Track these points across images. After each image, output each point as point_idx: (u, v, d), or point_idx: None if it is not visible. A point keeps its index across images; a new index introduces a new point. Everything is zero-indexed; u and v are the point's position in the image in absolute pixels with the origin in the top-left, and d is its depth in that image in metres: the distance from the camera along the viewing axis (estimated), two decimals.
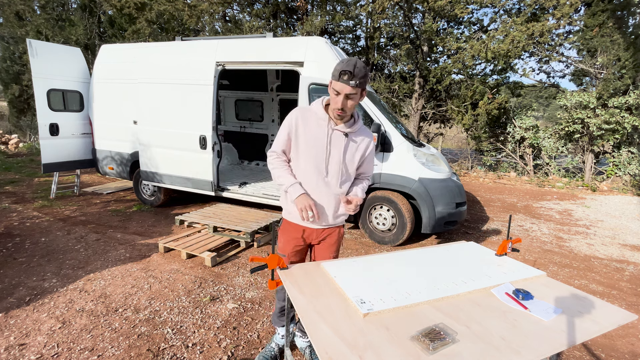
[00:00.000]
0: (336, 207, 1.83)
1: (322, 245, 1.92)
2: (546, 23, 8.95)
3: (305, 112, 1.75)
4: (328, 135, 1.71)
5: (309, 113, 1.74)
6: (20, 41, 13.20)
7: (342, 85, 1.54)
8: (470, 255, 1.84)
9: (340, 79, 1.53)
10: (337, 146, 1.73)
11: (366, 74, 1.55)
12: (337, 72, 1.54)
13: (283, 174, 1.77)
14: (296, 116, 1.74)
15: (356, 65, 1.52)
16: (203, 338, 2.41)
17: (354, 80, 1.52)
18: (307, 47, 4.17)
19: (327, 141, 1.71)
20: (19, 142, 11.76)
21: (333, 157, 1.74)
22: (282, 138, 1.78)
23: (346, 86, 1.54)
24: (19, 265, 3.40)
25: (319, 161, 1.74)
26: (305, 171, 1.77)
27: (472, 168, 11.01)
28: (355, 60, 1.54)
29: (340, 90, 1.56)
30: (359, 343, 1.09)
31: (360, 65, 1.53)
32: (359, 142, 1.78)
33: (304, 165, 1.76)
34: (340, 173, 1.77)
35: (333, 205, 1.82)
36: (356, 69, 1.51)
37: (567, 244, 4.71)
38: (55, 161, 5.47)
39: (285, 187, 1.76)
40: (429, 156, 4.18)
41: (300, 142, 1.74)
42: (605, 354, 2.45)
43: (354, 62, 1.53)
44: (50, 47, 5.39)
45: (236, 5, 12.28)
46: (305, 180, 1.77)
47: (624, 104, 8.50)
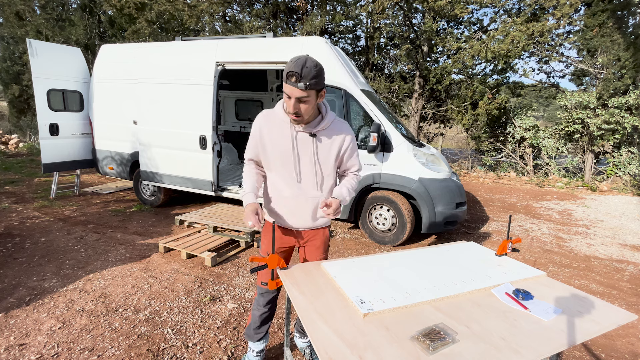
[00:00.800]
0: (315, 210, 1.76)
1: (308, 247, 1.88)
2: (546, 23, 8.96)
3: (268, 115, 1.67)
4: (293, 137, 1.61)
5: (273, 116, 1.66)
6: (20, 41, 13.21)
7: (291, 88, 1.43)
8: (470, 255, 1.84)
9: (288, 81, 1.41)
10: (306, 148, 1.63)
11: (318, 74, 1.42)
12: (285, 73, 1.41)
13: (244, 182, 1.75)
14: (260, 122, 1.67)
15: (305, 65, 1.38)
16: (203, 338, 2.41)
17: (302, 82, 1.39)
18: (307, 47, 4.17)
19: (292, 145, 1.62)
20: (19, 142, 11.76)
21: (303, 161, 1.65)
22: (250, 145, 1.73)
23: (295, 89, 1.42)
24: (19, 265, 3.40)
25: (289, 166, 1.66)
26: (277, 176, 1.71)
27: (472, 168, 11.01)
28: (305, 59, 1.40)
29: (290, 93, 1.44)
30: (359, 343, 1.09)
31: (311, 65, 1.39)
32: (332, 140, 1.66)
33: (275, 171, 1.71)
34: (314, 176, 1.69)
35: (311, 209, 1.75)
36: (304, 70, 1.38)
37: (567, 244, 4.71)
38: (55, 161, 5.47)
39: (241, 195, 1.73)
40: (429, 156, 4.18)
41: (268, 148, 1.67)
42: (605, 354, 2.45)
43: (303, 61, 1.39)
44: (50, 47, 5.39)
45: (236, 5, 12.29)
46: (278, 185, 1.72)
47: (624, 104, 8.50)
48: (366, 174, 4.14)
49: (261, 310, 1.95)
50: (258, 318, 1.97)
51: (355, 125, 4.24)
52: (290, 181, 1.69)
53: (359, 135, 4.19)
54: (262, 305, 1.95)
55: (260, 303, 1.95)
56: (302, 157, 1.65)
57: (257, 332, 2.00)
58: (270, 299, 1.94)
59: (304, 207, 1.74)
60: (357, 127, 4.24)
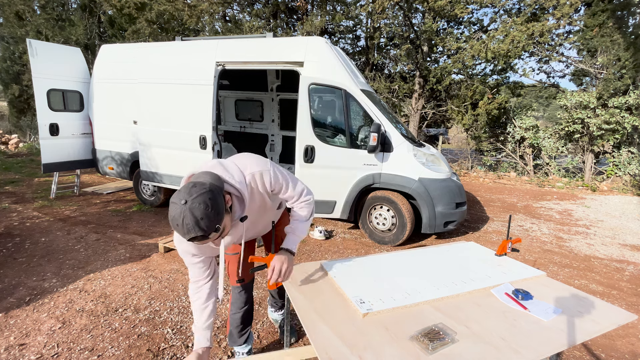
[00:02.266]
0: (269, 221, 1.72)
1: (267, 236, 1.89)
2: (546, 23, 8.96)
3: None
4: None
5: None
6: (20, 41, 13.21)
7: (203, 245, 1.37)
8: (470, 255, 1.84)
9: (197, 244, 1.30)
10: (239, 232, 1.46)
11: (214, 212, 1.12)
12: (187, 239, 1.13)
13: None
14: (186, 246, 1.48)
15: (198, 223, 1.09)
16: None
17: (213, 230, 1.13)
18: (307, 47, 4.17)
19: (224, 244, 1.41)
20: (19, 142, 11.77)
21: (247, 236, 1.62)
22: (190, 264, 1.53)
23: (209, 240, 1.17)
24: (19, 265, 3.40)
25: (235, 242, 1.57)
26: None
27: (472, 168, 11.01)
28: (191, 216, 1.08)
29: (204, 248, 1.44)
30: (358, 343, 1.09)
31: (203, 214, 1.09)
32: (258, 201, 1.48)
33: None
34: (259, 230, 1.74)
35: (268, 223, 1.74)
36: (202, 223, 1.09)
37: (567, 244, 4.71)
38: (55, 161, 5.47)
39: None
40: (429, 156, 4.18)
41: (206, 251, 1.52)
42: (605, 354, 2.45)
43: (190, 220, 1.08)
44: (50, 47, 5.39)
45: (236, 5, 12.29)
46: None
47: (624, 104, 8.50)
48: (366, 174, 4.14)
49: (241, 311, 1.92)
50: (239, 319, 1.93)
51: (355, 125, 4.24)
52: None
53: (358, 135, 4.19)
54: (240, 307, 1.92)
55: (238, 305, 1.91)
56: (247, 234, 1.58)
57: (240, 334, 1.97)
58: (247, 297, 1.92)
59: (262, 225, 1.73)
60: (357, 127, 4.24)
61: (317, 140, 4.18)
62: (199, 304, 1.51)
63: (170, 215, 1.12)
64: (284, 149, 6.92)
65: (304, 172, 4.26)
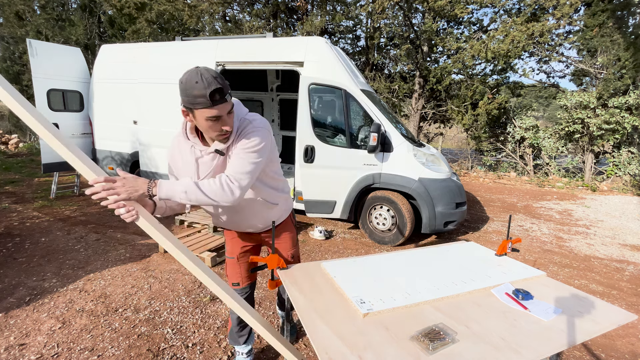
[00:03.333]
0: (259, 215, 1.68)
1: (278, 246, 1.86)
2: (546, 23, 8.96)
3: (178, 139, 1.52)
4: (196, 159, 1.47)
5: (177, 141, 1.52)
6: (20, 41, 13.22)
7: (220, 107, 1.26)
8: (470, 255, 1.84)
9: (214, 103, 1.24)
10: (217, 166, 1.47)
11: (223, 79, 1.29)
12: (205, 96, 1.22)
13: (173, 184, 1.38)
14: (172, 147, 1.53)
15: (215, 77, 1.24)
16: (203, 338, 2.41)
17: (228, 93, 1.28)
18: (307, 47, 4.17)
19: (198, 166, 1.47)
20: (19, 142, 11.77)
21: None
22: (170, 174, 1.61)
23: (226, 105, 1.28)
24: (19, 265, 3.40)
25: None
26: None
27: (472, 168, 11.01)
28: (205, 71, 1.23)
29: (221, 112, 1.28)
30: (358, 343, 1.09)
31: (216, 73, 1.26)
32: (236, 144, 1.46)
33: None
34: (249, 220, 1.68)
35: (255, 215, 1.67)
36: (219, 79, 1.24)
37: (567, 244, 4.71)
38: (55, 161, 5.47)
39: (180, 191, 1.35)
40: (429, 156, 4.18)
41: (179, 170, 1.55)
42: (605, 354, 2.45)
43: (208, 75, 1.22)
44: (50, 47, 5.40)
45: (236, 5, 12.29)
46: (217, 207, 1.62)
47: (624, 104, 8.50)
48: (366, 174, 4.14)
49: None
50: (239, 319, 1.91)
51: (355, 125, 4.24)
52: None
53: (358, 135, 4.19)
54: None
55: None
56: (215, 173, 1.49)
57: (240, 334, 1.98)
58: (247, 297, 1.93)
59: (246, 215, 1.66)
60: (357, 127, 4.24)
61: (317, 140, 4.18)
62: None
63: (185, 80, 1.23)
64: (284, 149, 6.92)
65: (304, 172, 4.27)
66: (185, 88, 1.24)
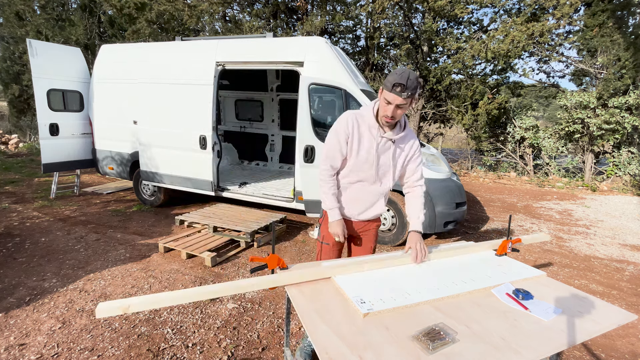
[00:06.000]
0: (372, 204, 1.94)
1: (362, 238, 2.05)
2: (546, 23, 8.95)
3: (358, 117, 1.81)
4: (377, 142, 1.78)
5: (361, 118, 1.80)
6: (20, 41, 13.20)
7: (394, 96, 1.60)
8: (470, 255, 1.84)
9: (392, 90, 1.58)
10: (386, 153, 1.81)
11: (417, 85, 1.60)
12: (390, 83, 1.59)
13: (328, 195, 1.89)
14: (352, 120, 1.79)
15: (409, 77, 1.57)
16: (203, 338, 2.41)
17: (406, 92, 1.57)
18: (307, 47, 4.17)
19: (375, 148, 1.78)
20: (19, 142, 11.77)
21: (382, 164, 1.83)
22: (339, 145, 1.81)
23: (398, 97, 1.59)
24: (19, 265, 3.40)
25: (369, 167, 1.82)
26: (353, 173, 1.86)
27: (472, 168, 11.01)
28: (409, 72, 1.59)
29: (392, 100, 1.61)
30: (359, 343, 1.09)
31: (413, 77, 1.58)
32: (405, 146, 1.86)
33: (353, 169, 1.85)
34: (388, 177, 1.88)
35: (370, 202, 1.93)
36: (409, 82, 1.56)
37: (567, 244, 4.71)
38: (55, 161, 5.47)
39: (325, 208, 1.93)
40: (429, 156, 4.18)
41: (354, 147, 1.80)
42: (605, 354, 2.45)
43: (407, 74, 1.57)
44: (50, 47, 5.39)
45: (236, 5, 12.29)
46: (353, 180, 1.88)
47: (624, 104, 8.50)
48: None
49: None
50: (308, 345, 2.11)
51: None
52: (365, 179, 1.86)
53: None
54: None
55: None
56: (382, 161, 1.83)
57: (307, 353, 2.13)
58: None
59: (369, 201, 1.93)
60: None
61: (317, 140, 4.18)
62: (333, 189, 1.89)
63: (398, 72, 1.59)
64: (284, 149, 6.92)
65: (304, 172, 4.26)
66: (391, 73, 1.65)
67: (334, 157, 1.84)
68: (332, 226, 1.89)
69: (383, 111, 1.69)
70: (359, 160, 1.81)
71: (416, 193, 1.93)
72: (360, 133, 1.79)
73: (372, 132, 1.78)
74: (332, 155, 1.84)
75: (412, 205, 1.92)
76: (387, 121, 1.71)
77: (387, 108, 1.65)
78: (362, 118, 1.80)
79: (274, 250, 1.58)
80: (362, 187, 1.89)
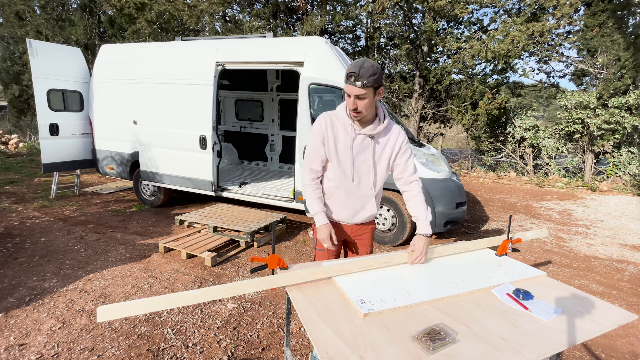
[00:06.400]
0: (362, 207, 1.86)
1: (357, 242, 1.97)
2: (546, 23, 8.95)
3: (332, 117, 1.76)
4: (352, 140, 1.72)
5: (335, 117, 1.76)
6: (20, 41, 13.20)
7: (350, 87, 1.56)
8: (470, 255, 1.84)
9: (348, 82, 1.56)
10: (365, 152, 1.74)
11: (375, 73, 1.54)
12: (345, 75, 1.56)
13: (312, 199, 1.82)
14: (325, 121, 1.75)
15: (362, 66, 1.52)
16: (203, 338, 2.41)
17: (359, 81, 1.52)
18: (307, 47, 4.17)
19: (350, 147, 1.72)
20: (19, 142, 11.77)
21: (362, 162, 1.75)
22: (316, 148, 1.77)
23: (354, 87, 1.55)
24: (19, 265, 3.40)
25: (346, 166, 1.76)
26: (335, 175, 1.80)
27: (472, 168, 11.01)
28: (363, 61, 1.54)
29: (350, 92, 1.58)
30: (359, 343, 1.09)
31: (368, 65, 1.52)
32: (387, 141, 1.77)
33: (334, 170, 1.79)
34: (371, 175, 1.79)
35: (364, 206, 1.85)
36: (362, 70, 1.51)
37: (567, 244, 4.71)
38: (55, 161, 5.47)
39: (311, 213, 1.84)
40: (429, 156, 4.18)
41: (331, 148, 1.75)
42: (605, 354, 2.45)
43: (361, 63, 1.53)
44: (50, 47, 5.39)
45: (236, 5, 12.29)
46: (336, 183, 1.81)
47: (624, 104, 8.50)
48: None
49: None
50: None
51: None
52: (347, 180, 1.79)
53: None
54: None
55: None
56: (361, 158, 1.75)
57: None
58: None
59: (358, 204, 1.84)
60: None
61: None
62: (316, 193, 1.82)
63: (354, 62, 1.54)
64: (284, 149, 6.92)
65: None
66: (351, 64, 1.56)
67: (313, 160, 1.79)
68: (319, 232, 1.79)
69: (347, 104, 1.65)
70: (339, 161, 1.75)
71: (415, 190, 1.83)
72: (336, 133, 1.73)
73: (347, 130, 1.72)
74: (311, 158, 1.80)
75: (415, 204, 1.81)
76: (354, 115, 1.65)
77: (349, 101, 1.61)
78: (337, 117, 1.75)
79: (274, 250, 1.58)
80: (347, 190, 1.81)
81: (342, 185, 1.80)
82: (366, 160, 1.76)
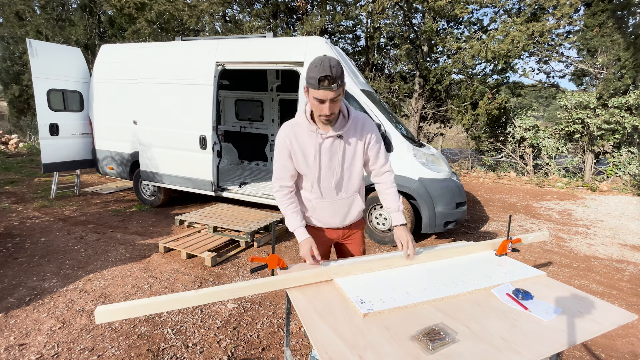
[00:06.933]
0: (349, 208, 1.81)
1: (348, 244, 1.92)
2: (546, 23, 8.95)
3: (294, 127, 1.65)
4: (319, 145, 1.62)
5: (297, 127, 1.64)
6: (20, 41, 13.20)
7: (324, 92, 1.42)
8: (470, 255, 1.84)
9: (321, 87, 1.41)
10: (336, 154, 1.65)
11: (342, 70, 1.44)
12: (315, 80, 1.40)
13: (288, 214, 1.72)
14: (287, 134, 1.64)
15: (331, 65, 1.38)
16: (203, 338, 2.41)
17: (335, 83, 1.40)
18: (307, 47, 4.17)
19: (318, 152, 1.62)
20: (19, 142, 11.77)
21: (336, 165, 1.67)
22: (283, 164, 1.68)
23: (329, 92, 1.42)
24: (19, 265, 3.40)
25: (322, 175, 1.68)
26: (313, 187, 1.72)
27: (472, 168, 11.01)
28: (328, 60, 1.39)
29: (324, 97, 1.44)
30: (359, 343, 1.09)
31: (335, 63, 1.40)
32: (356, 136, 1.67)
33: (310, 181, 1.71)
34: (346, 177, 1.72)
35: (346, 208, 1.80)
36: (334, 70, 1.38)
37: (567, 244, 4.71)
38: (55, 161, 5.47)
39: (291, 230, 1.72)
40: (429, 156, 4.18)
41: (299, 161, 1.66)
42: (605, 354, 2.45)
43: (328, 63, 1.39)
44: (50, 47, 5.39)
45: (236, 5, 12.29)
46: (316, 195, 1.74)
47: (624, 104, 8.50)
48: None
49: None
50: None
51: None
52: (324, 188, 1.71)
53: None
54: None
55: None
56: (332, 161, 1.66)
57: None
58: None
59: (338, 208, 1.78)
60: None
61: None
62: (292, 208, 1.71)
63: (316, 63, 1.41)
64: None
65: None
66: (308, 68, 1.44)
67: (283, 177, 1.70)
68: (300, 248, 1.65)
69: (319, 111, 1.50)
70: (312, 172, 1.66)
71: (386, 181, 1.78)
72: (302, 144, 1.62)
73: (313, 137, 1.60)
74: (280, 175, 1.70)
75: (387, 196, 1.77)
76: (327, 119, 1.54)
77: (323, 107, 1.47)
78: (300, 126, 1.63)
79: (274, 250, 1.58)
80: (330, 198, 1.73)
81: (322, 195, 1.72)
82: (340, 163, 1.67)
